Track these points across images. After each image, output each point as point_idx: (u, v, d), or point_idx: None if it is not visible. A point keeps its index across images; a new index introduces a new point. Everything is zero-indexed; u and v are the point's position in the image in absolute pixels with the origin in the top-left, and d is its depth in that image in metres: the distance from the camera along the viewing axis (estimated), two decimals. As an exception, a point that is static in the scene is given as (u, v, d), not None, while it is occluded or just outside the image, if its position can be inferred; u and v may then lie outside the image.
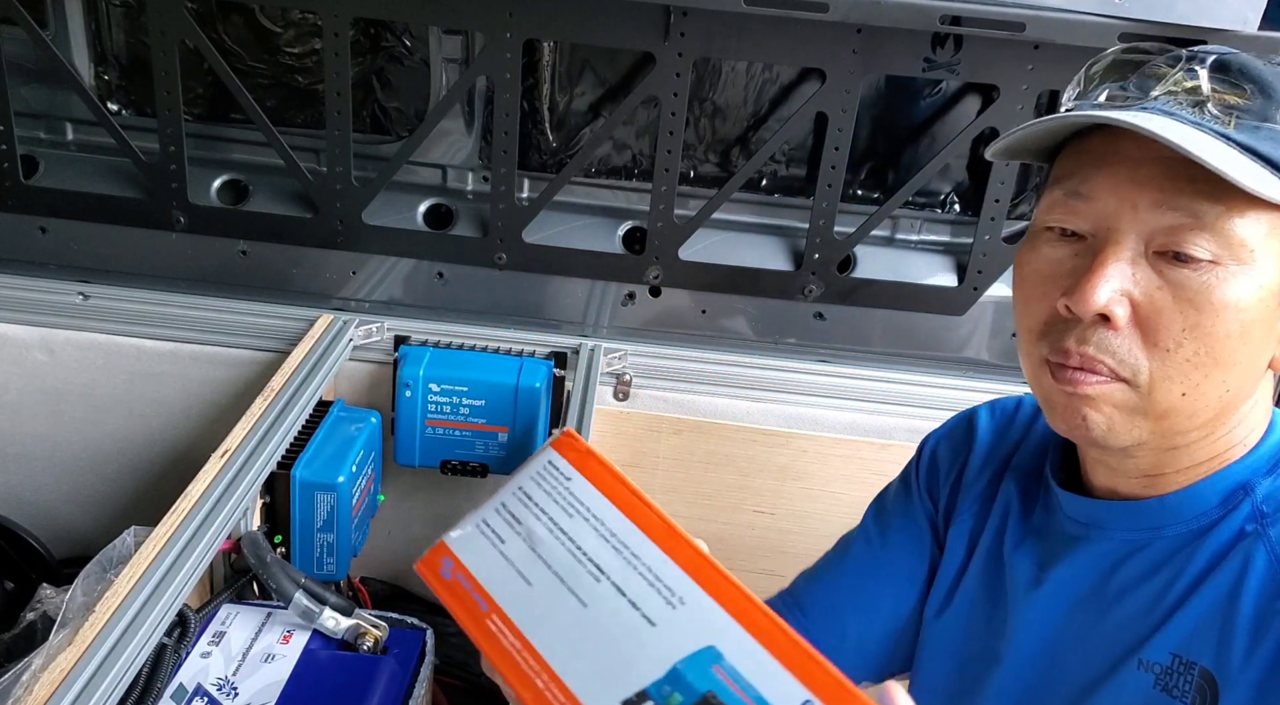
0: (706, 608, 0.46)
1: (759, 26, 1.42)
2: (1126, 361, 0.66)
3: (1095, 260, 0.65)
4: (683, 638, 0.45)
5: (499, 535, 0.57)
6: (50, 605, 1.38)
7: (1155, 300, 0.64)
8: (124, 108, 1.70)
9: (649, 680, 0.44)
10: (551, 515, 0.55)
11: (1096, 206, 0.66)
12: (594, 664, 0.47)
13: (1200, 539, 0.70)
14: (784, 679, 0.42)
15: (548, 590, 0.52)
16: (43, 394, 1.64)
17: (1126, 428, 0.68)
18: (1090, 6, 1.27)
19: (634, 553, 0.50)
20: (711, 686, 0.43)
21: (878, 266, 1.63)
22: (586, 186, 1.66)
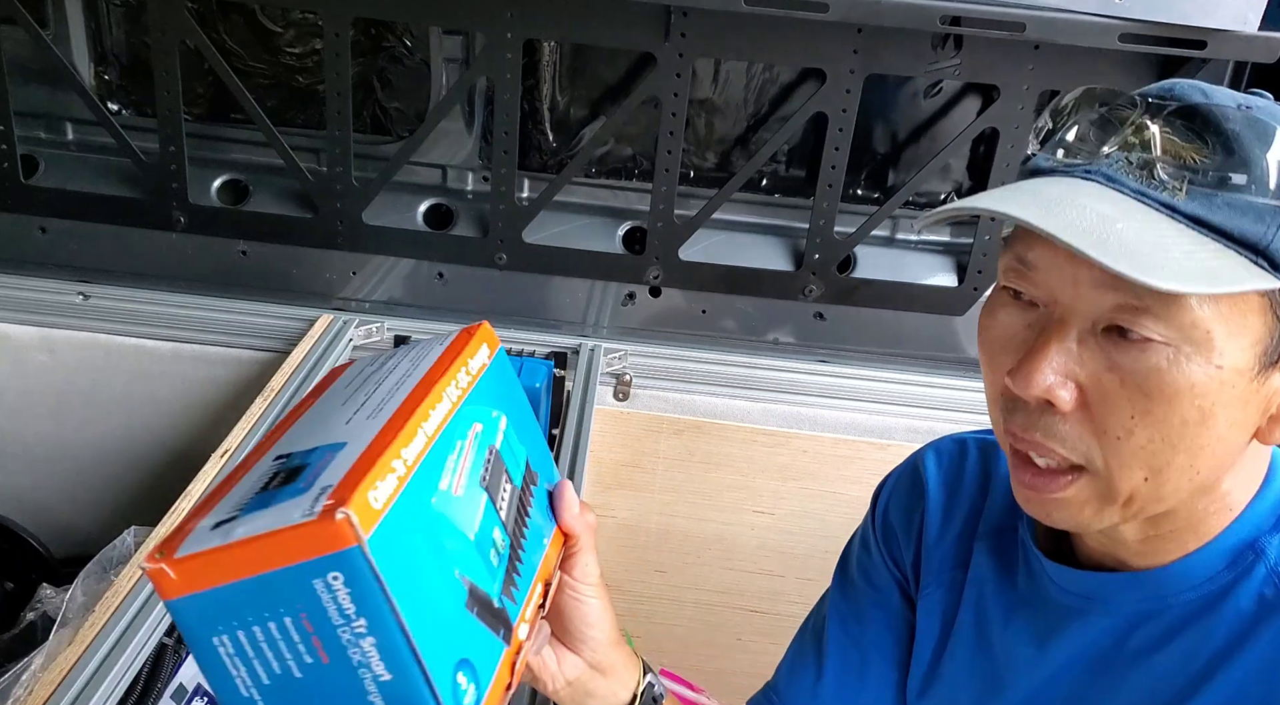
0: (370, 426, 0.51)
1: (759, 26, 1.42)
2: (1077, 448, 0.60)
3: (1039, 339, 0.60)
4: (334, 433, 0.52)
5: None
6: (50, 605, 1.38)
7: (1102, 384, 0.59)
8: (124, 107, 1.70)
9: (297, 448, 0.52)
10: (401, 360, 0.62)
11: (1042, 277, 0.60)
12: (298, 427, 0.57)
13: (1217, 604, 0.66)
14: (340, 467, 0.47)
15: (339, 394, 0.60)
16: (43, 394, 1.64)
17: (1095, 519, 0.63)
18: (1090, 6, 1.27)
19: (397, 390, 0.55)
20: (304, 462, 0.49)
21: (878, 267, 1.63)
22: (586, 186, 1.66)
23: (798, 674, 0.92)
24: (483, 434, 0.58)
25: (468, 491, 0.54)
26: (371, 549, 0.43)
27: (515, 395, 0.65)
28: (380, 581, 0.44)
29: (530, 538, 0.61)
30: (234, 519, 0.46)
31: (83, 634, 0.97)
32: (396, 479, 0.47)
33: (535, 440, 0.67)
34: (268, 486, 0.48)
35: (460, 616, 0.50)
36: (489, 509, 0.56)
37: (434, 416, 0.53)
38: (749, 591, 1.73)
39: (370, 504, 0.44)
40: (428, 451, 0.51)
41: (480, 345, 0.63)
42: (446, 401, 0.55)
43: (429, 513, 0.50)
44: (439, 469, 0.52)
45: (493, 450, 0.59)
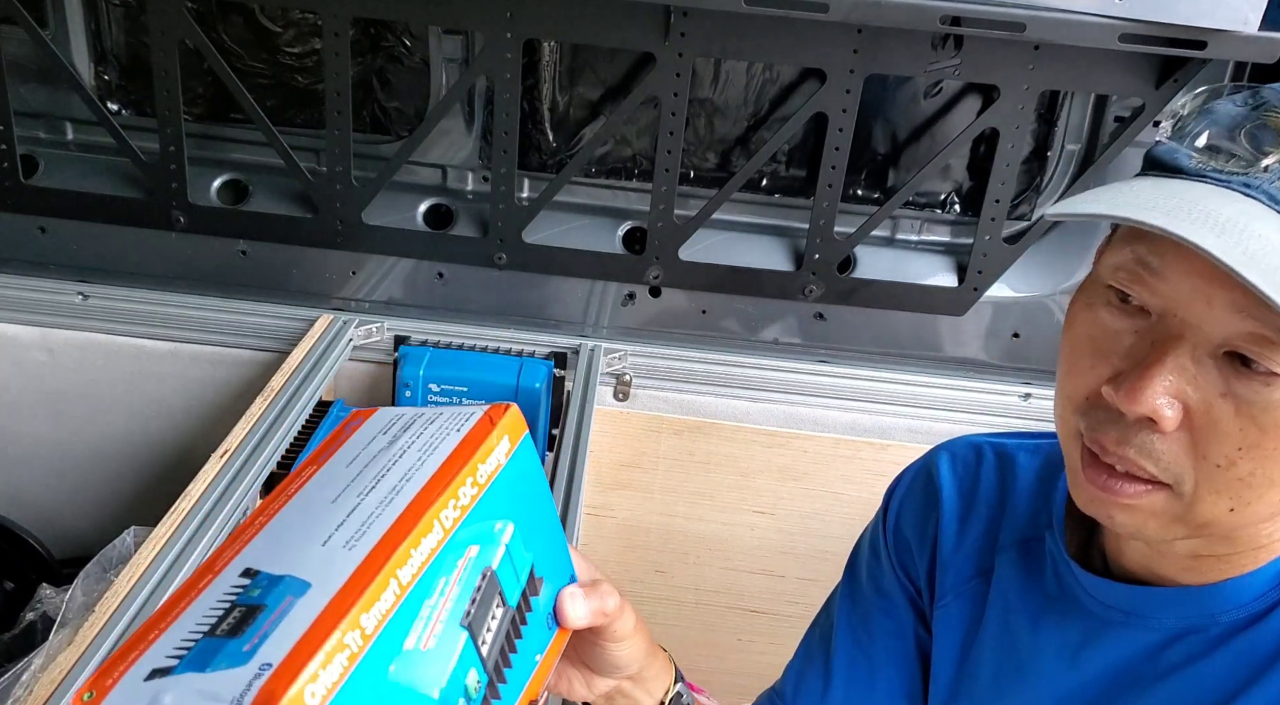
0: (341, 565, 0.47)
1: (759, 26, 1.42)
2: (1170, 469, 0.57)
3: (1153, 353, 0.56)
4: (304, 562, 0.48)
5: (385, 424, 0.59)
6: (50, 605, 1.38)
7: (1214, 410, 0.55)
8: (124, 107, 1.70)
9: (265, 567, 0.48)
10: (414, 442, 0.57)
11: (1167, 288, 0.56)
12: (283, 518, 0.53)
13: (1261, 621, 0.64)
14: (295, 631, 0.44)
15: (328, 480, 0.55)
16: (42, 394, 1.64)
17: (1160, 532, 0.60)
18: (1090, 7, 1.27)
19: (387, 507, 0.51)
20: (261, 598, 0.46)
21: (878, 267, 1.63)
22: (586, 186, 1.66)
23: (806, 680, 0.91)
24: (478, 557, 0.53)
25: (442, 639, 0.50)
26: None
27: (532, 490, 0.60)
28: None
29: (518, 662, 0.57)
30: (169, 673, 0.43)
31: (82, 634, 0.97)
32: (348, 657, 0.44)
33: (548, 538, 0.61)
34: (217, 628, 0.45)
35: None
36: (467, 650, 0.52)
37: (415, 557, 0.48)
38: (749, 591, 1.73)
39: (305, 702, 0.41)
40: (398, 607, 0.47)
41: (500, 440, 0.56)
42: (438, 532, 0.50)
43: (383, 686, 0.46)
44: (407, 626, 0.48)
45: (487, 573, 0.54)
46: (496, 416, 0.57)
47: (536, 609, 0.59)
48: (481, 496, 0.54)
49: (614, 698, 0.77)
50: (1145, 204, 0.54)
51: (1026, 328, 1.65)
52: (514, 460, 0.57)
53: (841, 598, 0.91)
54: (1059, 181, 1.61)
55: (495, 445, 0.56)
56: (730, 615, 1.76)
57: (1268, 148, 0.54)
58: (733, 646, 1.79)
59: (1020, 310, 1.64)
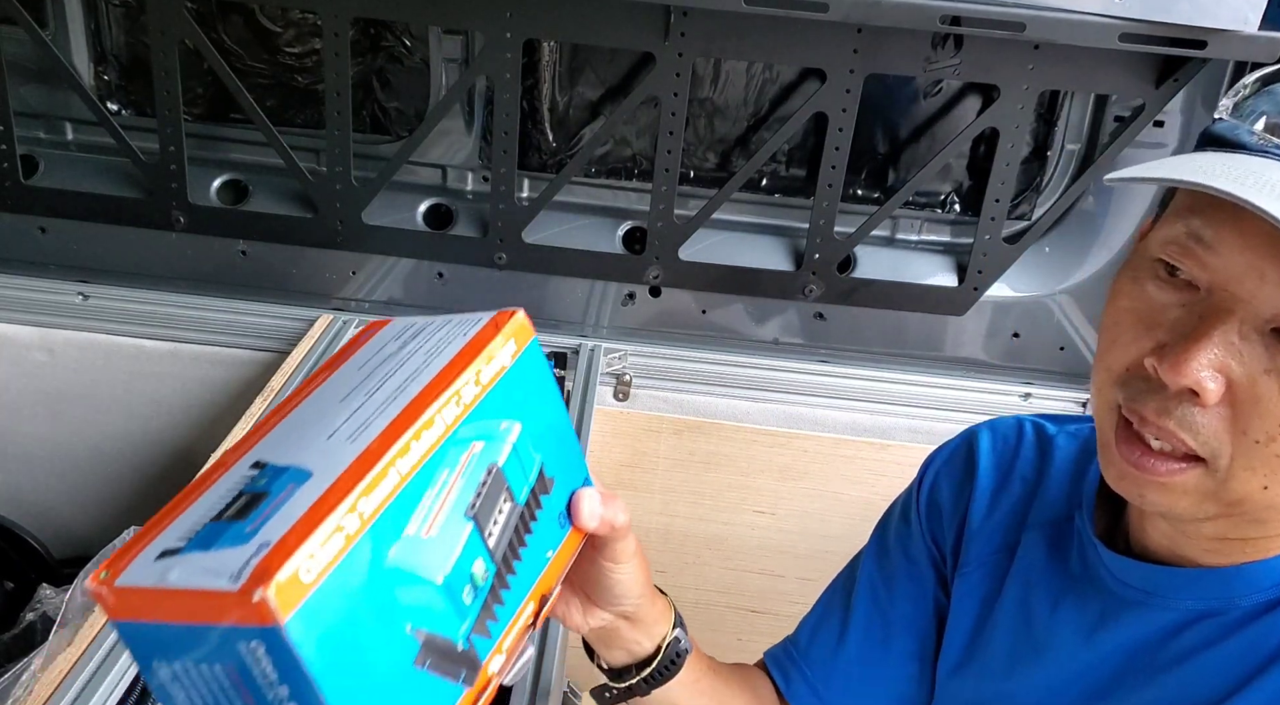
0: (343, 455, 0.49)
1: (759, 26, 1.42)
2: (1208, 442, 0.57)
3: (1200, 327, 0.56)
4: (309, 454, 0.50)
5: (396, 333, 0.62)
6: (50, 605, 1.38)
7: (1258, 385, 0.55)
8: (124, 108, 1.70)
9: (272, 459, 0.51)
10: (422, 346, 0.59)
11: (1219, 262, 0.56)
12: (295, 416, 0.55)
13: (1277, 608, 0.65)
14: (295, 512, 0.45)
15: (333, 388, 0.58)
16: (42, 394, 1.64)
17: (1192, 509, 0.61)
18: (1090, 6, 1.27)
19: (390, 404, 0.52)
20: (266, 487, 0.48)
21: (878, 266, 1.63)
22: (586, 186, 1.66)
23: (821, 632, 0.91)
24: (482, 453, 0.54)
25: (446, 528, 0.51)
26: (289, 630, 0.42)
27: (541, 393, 0.61)
28: (298, 660, 0.43)
29: (529, 556, 0.58)
30: (177, 553, 0.45)
31: (82, 634, 0.97)
32: (344, 538, 0.45)
33: (559, 441, 0.62)
34: (225, 513, 0.47)
35: (406, 674, 0.49)
36: (473, 539, 0.53)
37: (416, 449, 0.49)
38: (749, 591, 1.73)
39: (300, 578, 0.43)
40: (397, 494, 0.48)
41: (505, 343, 0.58)
42: (439, 426, 0.51)
43: (381, 570, 0.47)
44: (407, 513, 0.49)
45: (492, 469, 0.55)
46: (502, 321, 0.59)
47: (547, 507, 0.60)
48: (485, 396, 0.55)
49: (611, 641, 0.76)
50: (1210, 172, 0.54)
51: (1027, 327, 1.65)
52: (520, 363, 0.58)
53: (867, 558, 0.92)
54: (1059, 181, 1.61)
55: (500, 348, 0.57)
56: (730, 615, 1.76)
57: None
58: (733, 646, 1.78)
59: (1020, 310, 1.64)
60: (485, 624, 0.53)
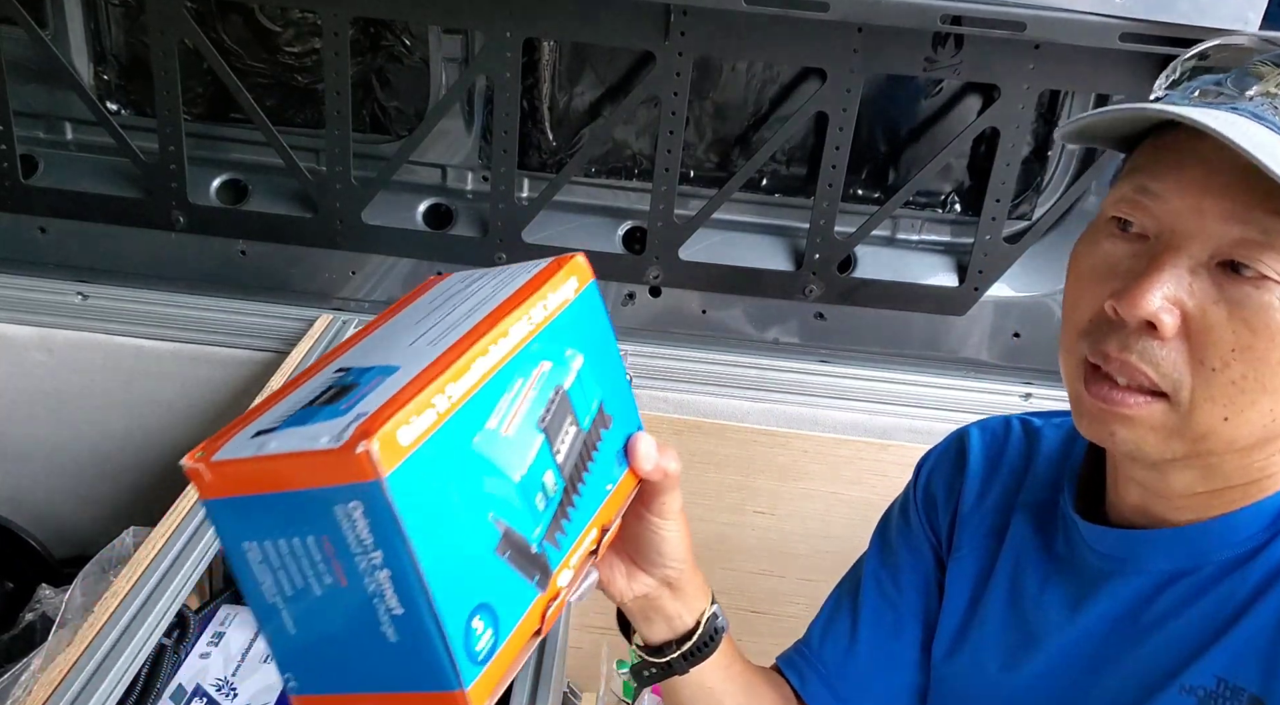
0: (427, 354, 0.51)
1: (759, 26, 1.42)
2: (1169, 375, 0.61)
3: (1151, 264, 0.61)
4: (392, 355, 0.52)
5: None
6: (49, 605, 1.38)
7: (1208, 314, 0.60)
8: (123, 107, 1.70)
9: (354, 362, 0.53)
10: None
11: (1163, 207, 0.62)
12: (371, 339, 0.58)
13: (1249, 562, 0.67)
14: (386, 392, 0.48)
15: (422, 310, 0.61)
16: (42, 394, 1.64)
17: (1159, 447, 0.64)
18: (1090, 6, 1.27)
19: (466, 319, 0.55)
20: (355, 381, 0.50)
21: (878, 266, 1.63)
22: (586, 186, 1.65)
23: (832, 631, 0.93)
24: (550, 373, 0.57)
25: (521, 432, 0.53)
26: (391, 486, 0.44)
27: (599, 334, 0.63)
28: (397, 519, 0.44)
29: (591, 482, 0.60)
30: (273, 431, 0.47)
31: (82, 634, 0.97)
32: (435, 415, 0.47)
33: (615, 383, 0.65)
34: (316, 401, 0.49)
35: (487, 560, 0.50)
36: (544, 451, 0.55)
37: (494, 352, 0.52)
38: (749, 591, 1.73)
39: (398, 440, 0.44)
40: (479, 388, 0.50)
41: (568, 278, 0.60)
42: (513, 337, 0.54)
43: (467, 452, 0.49)
44: (489, 407, 0.51)
45: (559, 391, 0.57)
46: (564, 262, 0.61)
47: (607, 441, 0.62)
48: (551, 321, 0.57)
49: (652, 613, 0.77)
50: (1153, 111, 0.60)
51: (1027, 327, 1.64)
52: (581, 299, 0.61)
53: (870, 556, 0.94)
54: (1059, 181, 1.61)
55: (563, 282, 0.60)
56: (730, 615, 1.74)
57: (1251, 89, 0.61)
58: (733, 647, 1.78)
59: (1021, 310, 1.64)
60: (555, 535, 0.55)
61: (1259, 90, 0.61)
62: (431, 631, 0.46)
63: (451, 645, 0.46)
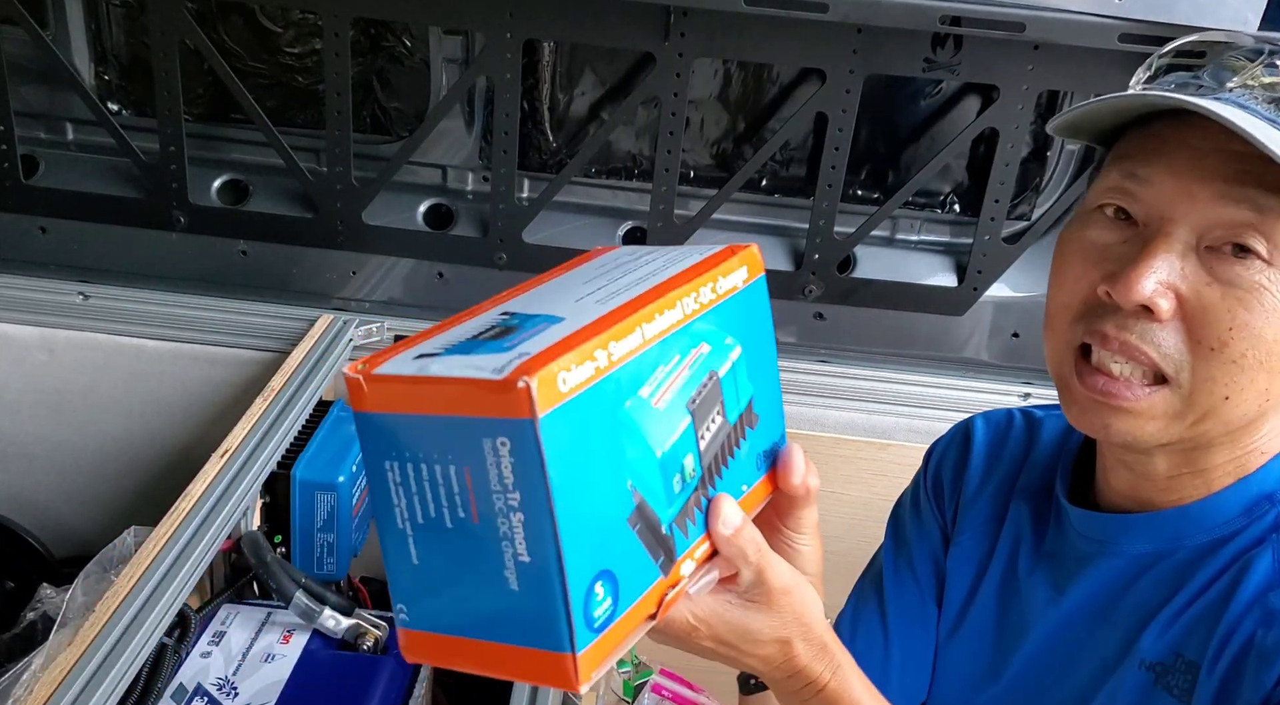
0: (593, 310, 0.50)
1: (759, 26, 1.42)
2: (1170, 356, 0.62)
3: (1144, 249, 0.62)
4: (558, 307, 0.52)
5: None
6: (50, 605, 1.38)
7: (1203, 296, 0.61)
8: (124, 108, 1.70)
9: (519, 308, 0.53)
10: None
11: (1153, 192, 0.63)
12: (537, 291, 0.59)
13: (1223, 547, 0.68)
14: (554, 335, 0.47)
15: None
16: (42, 394, 1.64)
17: (1160, 433, 0.65)
18: (1090, 7, 1.27)
19: (635, 287, 0.54)
20: (519, 324, 0.50)
21: (878, 266, 1.63)
22: (586, 186, 1.65)
23: (861, 625, 0.93)
24: (708, 356, 0.55)
25: (670, 408, 0.52)
26: (543, 426, 0.43)
27: (761, 331, 0.61)
28: (542, 460, 0.43)
29: (728, 478, 0.58)
30: (436, 356, 0.47)
31: (83, 634, 0.97)
32: (594, 368, 0.46)
33: (769, 385, 0.63)
34: (480, 336, 0.49)
35: (619, 528, 0.49)
36: (688, 433, 0.53)
37: (659, 321, 0.51)
38: (749, 591, 1.73)
39: (557, 384, 0.44)
40: (639, 353, 0.49)
41: (739, 267, 0.59)
42: (678, 311, 0.53)
43: (618, 414, 0.48)
44: (645, 375, 0.50)
45: (713, 376, 0.56)
46: (737, 249, 0.60)
47: (750, 441, 0.60)
48: (717, 305, 0.56)
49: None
50: (1146, 98, 0.62)
51: (1026, 327, 1.64)
52: (749, 290, 0.60)
53: (886, 549, 0.95)
54: (1058, 181, 1.61)
55: (734, 269, 0.59)
56: (730, 615, 1.76)
57: (1230, 81, 0.63)
58: (733, 646, 1.78)
59: (1020, 310, 1.64)
60: (685, 522, 0.54)
61: (1238, 82, 0.62)
62: (555, 585, 0.45)
63: (572, 604, 0.45)
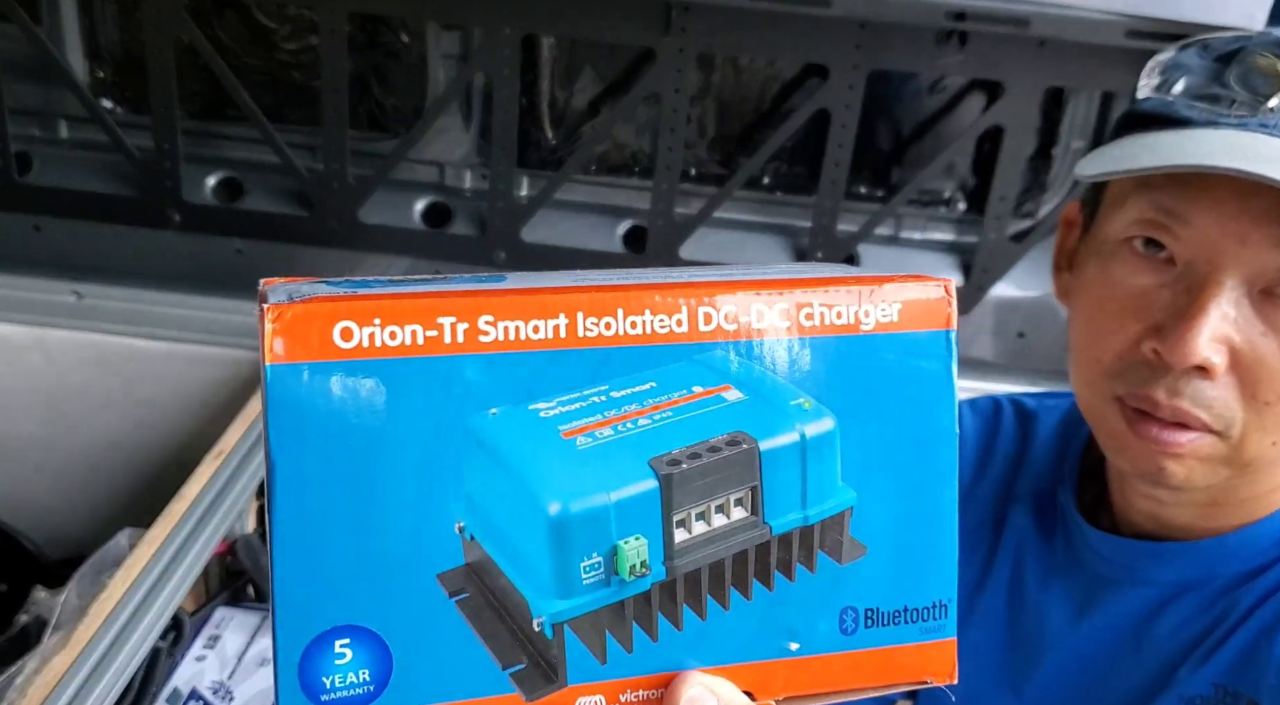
0: (533, 282, 0.38)
1: (761, 21, 1.41)
2: (1223, 415, 0.58)
3: (1194, 303, 0.56)
4: (548, 279, 0.40)
5: None
6: (44, 608, 1.37)
7: (1258, 348, 0.57)
8: (118, 104, 1.69)
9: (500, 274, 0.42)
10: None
11: (1196, 234, 0.57)
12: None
13: (1259, 576, 0.65)
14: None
15: None
16: (36, 394, 1.63)
17: (1208, 476, 0.61)
18: (1096, 3, 1.26)
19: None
20: (442, 278, 0.39)
21: (881, 265, 1.62)
22: (586, 184, 1.64)
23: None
24: (738, 407, 0.36)
25: (605, 452, 0.35)
26: (273, 380, 0.34)
27: (915, 413, 0.39)
28: (265, 428, 0.34)
29: (746, 619, 0.38)
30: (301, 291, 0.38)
31: (76, 637, 0.96)
32: (429, 338, 0.34)
33: (914, 514, 0.40)
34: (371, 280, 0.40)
35: (415, 581, 0.37)
36: (647, 503, 0.36)
37: (636, 321, 0.35)
38: (750, 593, 1.72)
39: (332, 335, 0.33)
40: (560, 349, 0.35)
41: (896, 299, 0.37)
42: (683, 319, 0.35)
43: (471, 421, 0.35)
44: (562, 386, 0.35)
45: (742, 439, 0.37)
46: (924, 279, 0.39)
47: (829, 579, 0.37)
48: (818, 336, 0.36)
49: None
50: (1191, 152, 0.55)
51: (1031, 327, 1.64)
52: (912, 342, 0.37)
53: None
54: (1064, 179, 1.60)
55: (886, 298, 0.37)
56: (731, 617, 1.75)
57: (1264, 90, 0.56)
58: (734, 648, 1.78)
59: (1025, 309, 1.63)
60: (593, 637, 0.36)
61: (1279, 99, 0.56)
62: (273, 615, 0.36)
63: (279, 644, 0.38)
